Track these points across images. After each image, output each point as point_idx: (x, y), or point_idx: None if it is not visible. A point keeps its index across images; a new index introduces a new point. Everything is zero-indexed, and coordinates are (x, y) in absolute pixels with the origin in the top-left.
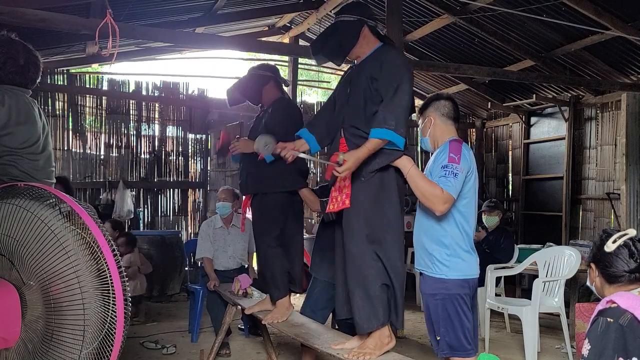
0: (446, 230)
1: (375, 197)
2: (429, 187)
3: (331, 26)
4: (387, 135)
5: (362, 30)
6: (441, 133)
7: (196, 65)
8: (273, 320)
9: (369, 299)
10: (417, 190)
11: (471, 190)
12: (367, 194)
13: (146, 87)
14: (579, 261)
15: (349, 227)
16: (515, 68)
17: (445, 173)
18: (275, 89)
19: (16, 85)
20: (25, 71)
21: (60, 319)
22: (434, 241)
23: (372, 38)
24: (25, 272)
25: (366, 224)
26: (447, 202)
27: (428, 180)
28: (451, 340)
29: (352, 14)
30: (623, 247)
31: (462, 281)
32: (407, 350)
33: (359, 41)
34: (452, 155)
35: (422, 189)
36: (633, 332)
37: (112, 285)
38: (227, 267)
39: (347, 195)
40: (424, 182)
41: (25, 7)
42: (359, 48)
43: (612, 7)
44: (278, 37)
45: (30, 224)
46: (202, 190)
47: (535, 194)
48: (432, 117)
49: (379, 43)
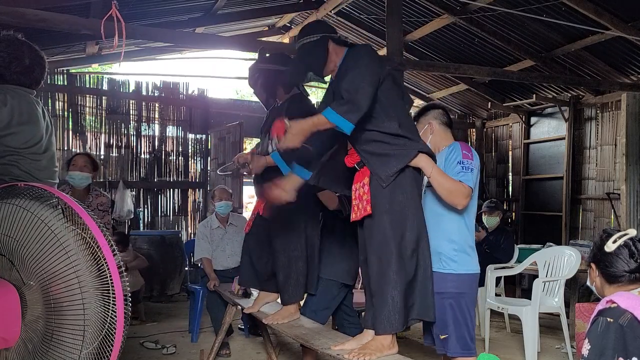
0: (453, 226)
1: (399, 202)
2: (453, 183)
3: (298, 52)
4: (333, 119)
5: (328, 46)
6: (441, 139)
7: (196, 65)
8: (274, 320)
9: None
10: (442, 188)
11: (476, 187)
12: (392, 200)
13: (146, 87)
14: (579, 261)
15: (374, 234)
16: (515, 68)
17: (463, 168)
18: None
19: (21, 86)
20: (30, 72)
21: (60, 319)
22: (442, 238)
23: (339, 48)
24: (25, 272)
25: (393, 231)
26: (469, 196)
27: (451, 178)
28: (460, 340)
29: (314, 34)
30: (623, 247)
31: (470, 276)
32: (407, 351)
33: (329, 57)
34: (465, 153)
35: (448, 186)
36: (633, 332)
37: (112, 285)
38: (226, 266)
39: (368, 202)
40: (448, 180)
41: (25, 7)
42: (330, 63)
43: (612, 7)
44: (278, 37)
45: (30, 224)
46: (202, 190)
47: (535, 194)
48: (432, 124)
49: (345, 49)
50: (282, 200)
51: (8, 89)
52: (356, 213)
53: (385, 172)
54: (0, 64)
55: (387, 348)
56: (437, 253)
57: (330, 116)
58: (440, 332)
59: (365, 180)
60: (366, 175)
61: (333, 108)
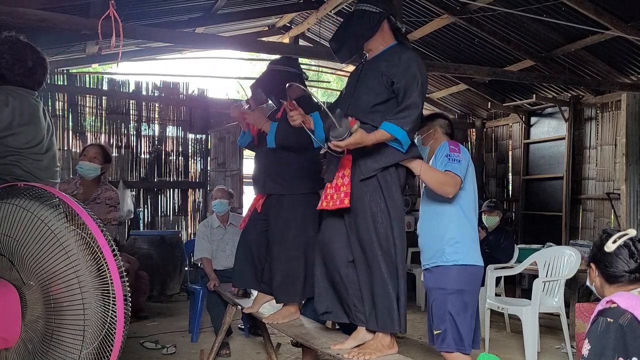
0: (452, 219)
1: (379, 196)
2: (441, 174)
3: (350, 15)
4: (399, 135)
5: (381, 24)
6: (437, 145)
7: (196, 65)
8: (274, 320)
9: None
10: (432, 179)
11: (469, 182)
12: (372, 194)
13: (146, 87)
14: (579, 261)
15: (355, 229)
16: (515, 68)
17: (450, 160)
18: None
19: (23, 87)
20: (33, 73)
21: (60, 319)
22: (443, 231)
23: (389, 34)
24: (25, 272)
25: (374, 226)
26: (457, 184)
27: (438, 170)
28: (456, 335)
29: (374, 5)
30: (623, 247)
31: (474, 268)
32: (407, 350)
33: (376, 35)
34: (452, 147)
35: (436, 177)
36: (633, 332)
37: (112, 285)
38: (226, 266)
39: (346, 194)
40: (436, 172)
41: (25, 7)
42: (374, 41)
43: (612, 7)
44: (278, 37)
45: (30, 224)
46: (202, 190)
47: (535, 194)
48: (437, 131)
49: (394, 41)
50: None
51: (10, 90)
52: (327, 202)
53: (369, 165)
54: (4, 65)
55: (387, 348)
56: (439, 248)
57: (396, 133)
58: (436, 327)
59: (346, 171)
60: (348, 167)
61: (399, 125)
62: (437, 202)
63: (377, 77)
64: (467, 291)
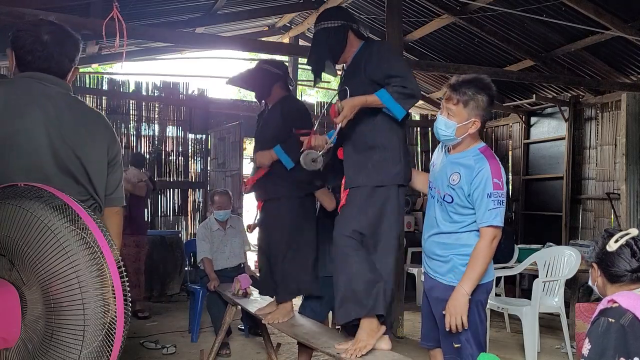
0: (469, 240)
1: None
2: (486, 254)
3: (314, 36)
4: (387, 101)
5: (347, 36)
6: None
7: (196, 65)
8: (273, 320)
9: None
10: (483, 268)
11: None
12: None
13: (146, 87)
14: (579, 261)
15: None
16: (515, 68)
17: (495, 204)
18: (282, 89)
19: None
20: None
21: (60, 319)
22: (456, 249)
23: (356, 40)
24: (25, 272)
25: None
26: (499, 234)
27: (482, 253)
28: (473, 349)
29: (334, 20)
30: (625, 246)
31: (488, 284)
32: (407, 350)
33: (346, 47)
34: (496, 182)
35: (486, 259)
36: (634, 332)
37: (112, 285)
38: (225, 266)
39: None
40: (483, 260)
41: (25, 7)
42: (346, 53)
43: (612, 7)
44: (278, 37)
45: (30, 224)
46: (202, 190)
47: (535, 194)
48: (477, 124)
49: (361, 42)
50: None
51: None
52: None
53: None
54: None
55: (375, 330)
56: (449, 264)
57: (384, 98)
58: (456, 341)
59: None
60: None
61: (389, 92)
62: (456, 221)
63: (360, 72)
64: (481, 302)
